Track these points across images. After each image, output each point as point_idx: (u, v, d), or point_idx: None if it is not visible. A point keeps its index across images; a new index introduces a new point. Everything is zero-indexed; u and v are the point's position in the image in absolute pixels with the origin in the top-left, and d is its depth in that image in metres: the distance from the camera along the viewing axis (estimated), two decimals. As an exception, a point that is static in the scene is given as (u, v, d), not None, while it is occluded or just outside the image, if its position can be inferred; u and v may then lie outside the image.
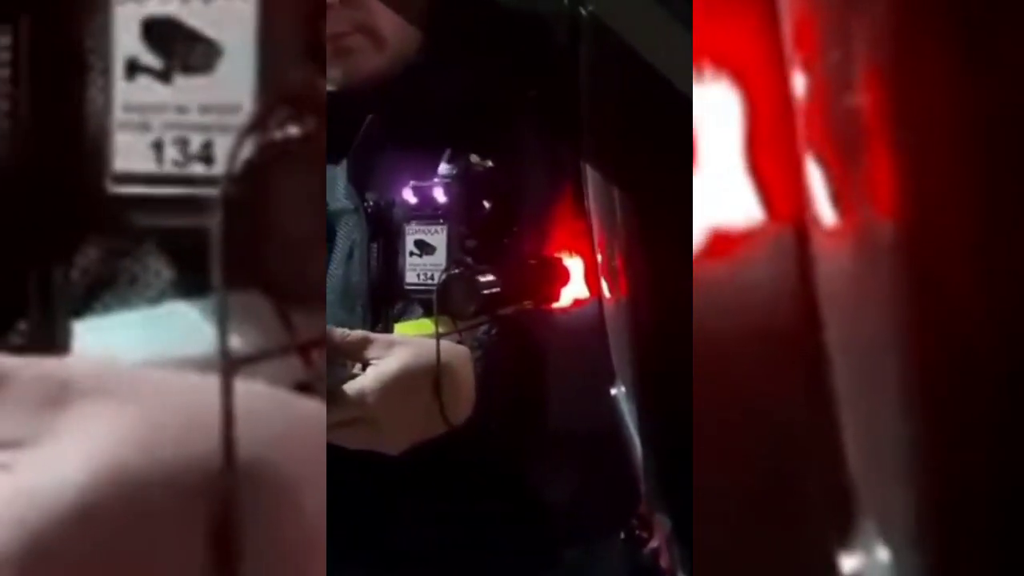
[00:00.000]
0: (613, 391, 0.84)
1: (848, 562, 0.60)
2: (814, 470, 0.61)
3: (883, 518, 0.59)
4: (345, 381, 0.86)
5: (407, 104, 0.97)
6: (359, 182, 0.99)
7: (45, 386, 0.59)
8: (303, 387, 0.75)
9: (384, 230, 0.97)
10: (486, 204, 0.94)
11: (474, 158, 0.94)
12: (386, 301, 0.97)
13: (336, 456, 0.86)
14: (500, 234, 0.93)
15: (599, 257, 0.85)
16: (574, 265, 0.94)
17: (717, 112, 0.63)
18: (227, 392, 0.63)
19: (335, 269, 0.99)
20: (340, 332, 0.88)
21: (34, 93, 0.82)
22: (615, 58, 0.71)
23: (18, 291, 0.82)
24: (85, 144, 0.82)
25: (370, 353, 0.88)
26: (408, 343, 0.90)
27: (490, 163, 0.94)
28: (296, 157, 0.77)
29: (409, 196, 0.94)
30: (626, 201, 0.77)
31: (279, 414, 0.66)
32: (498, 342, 0.92)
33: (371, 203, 0.98)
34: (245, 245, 0.75)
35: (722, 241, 0.64)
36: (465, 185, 0.93)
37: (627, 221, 0.77)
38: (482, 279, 0.90)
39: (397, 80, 0.96)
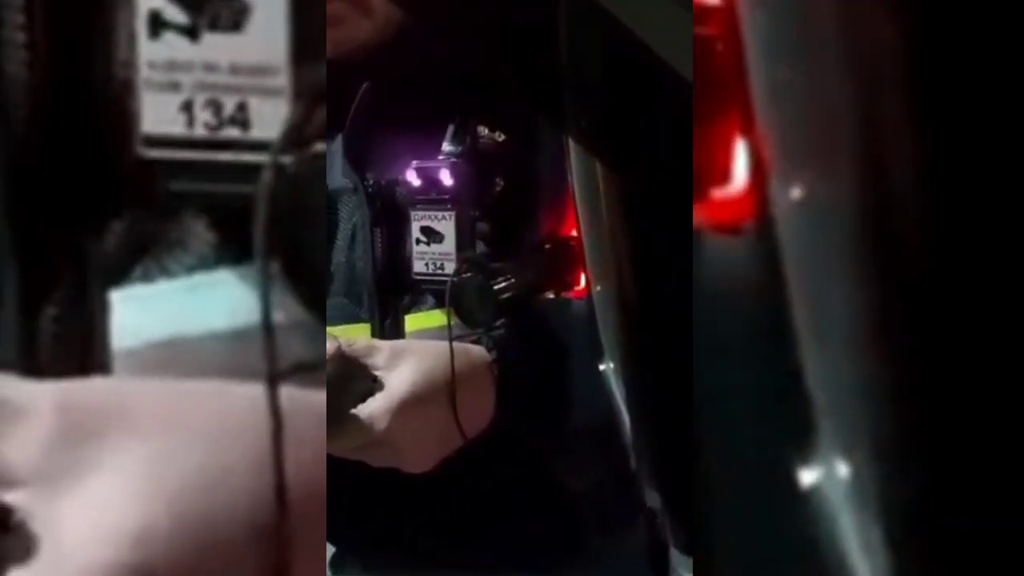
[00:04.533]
0: (601, 367, 0.81)
1: (807, 476, 0.59)
2: (773, 382, 0.60)
3: (843, 432, 0.57)
4: (357, 398, 0.81)
5: (405, 72, 0.90)
6: (356, 158, 0.92)
7: (66, 419, 0.56)
8: (303, 367, 0.70)
9: (387, 212, 0.91)
10: (498, 182, 0.87)
11: (482, 131, 0.87)
12: (394, 291, 0.92)
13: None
14: (515, 216, 0.87)
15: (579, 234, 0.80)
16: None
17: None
18: (277, 422, 0.59)
19: (339, 256, 0.93)
20: (345, 341, 0.83)
21: (53, 50, 0.76)
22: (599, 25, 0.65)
23: (51, 260, 0.78)
24: (113, 105, 0.77)
25: (376, 362, 0.83)
26: (418, 352, 0.84)
27: (500, 136, 0.87)
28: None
29: (412, 178, 0.87)
30: (609, 176, 0.72)
31: (319, 429, 0.62)
32: (516, 338, 0.87)
33: (371, 182, 0.92)
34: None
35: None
36: (473, 163, 0.87)
37: (610, 196, 0.73)
38: (496, 281, 0.84)
39: (392, 47, 0.89)
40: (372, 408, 0.83)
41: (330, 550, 1.05)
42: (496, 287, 0.85)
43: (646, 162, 0.70)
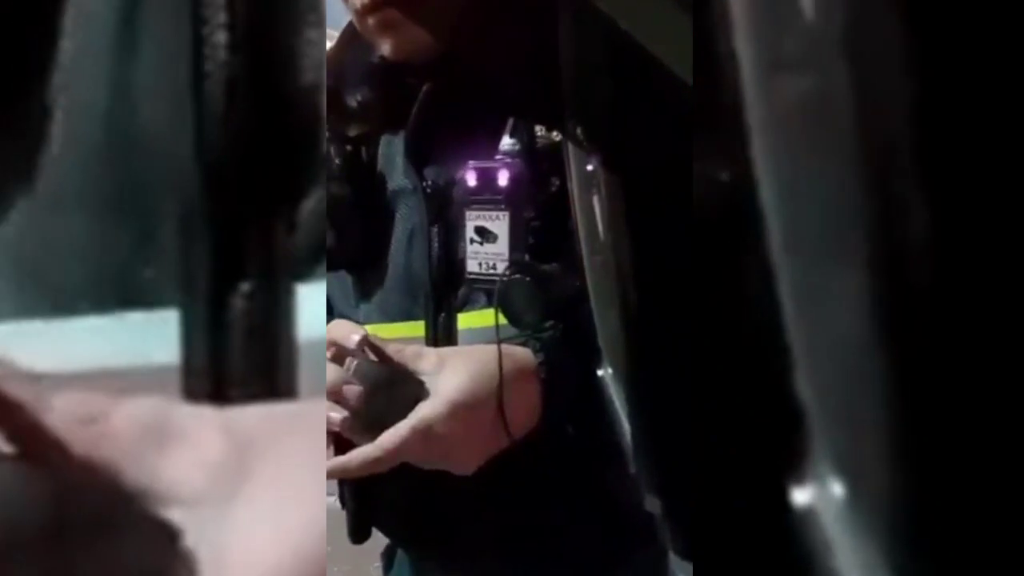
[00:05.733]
0: (600, 372, 0.79)
1: (800, 495, 0.56)
2: (762, 394, 0.58)
3: (837, 448, 0.55)
4: (407, 404, 0.82)
5: (464, 73, 0.90)
6: (417, 159, 0.93)
7: (229, 443, 0.56)
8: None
9: (445, 213, 0.91)
10: (554, 181, 0.87)
11: (540, 130, 0.86)
12: (448, 289, 0.92)
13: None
14: (567, 215, 0.86)
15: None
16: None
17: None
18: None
19: (396, 254, 0.94)
20: (394, 347, 0.84)
21: (251, 50, 0.78)
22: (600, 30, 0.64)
23: (242, 252, 0.80)
24: (302, 105, 0.79)
25: (424, 367, 0.84)
26: (464, 356, 0.85)
27: (557, 135, 0.86)
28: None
29: (469, 178, 0.87)
30: (610, 182, 0.70)
31: None
32: (564, 342, 0.86)
33: (430, 182, 0.92)
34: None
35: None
36: (529, 163, 0.87)
37: (611, 202, 0.71)
38: (545, 283, 0.83)
39: (452, 48, 0.89)
40: (423, 413, 0.83)
41: (384, 541, 1.06)
42: (545, 289, 0.85)
43: (646, 167, 0.69)
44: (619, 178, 0.75)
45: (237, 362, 0.78)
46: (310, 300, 0.79)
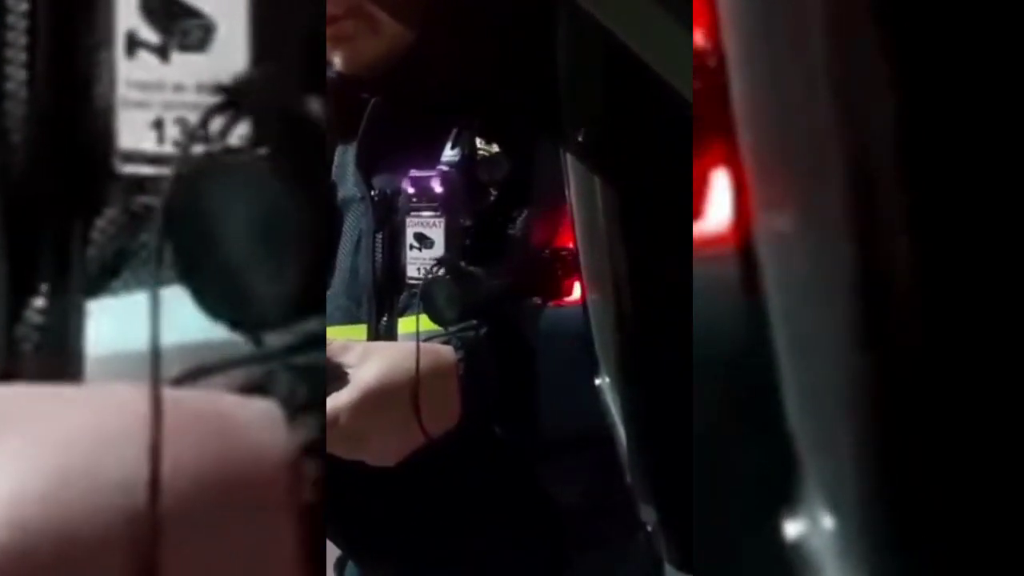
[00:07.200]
0: (597, 381, 0.79)
1: (792, 528, 0.56)
2: (753, 428, 0.57)
3: (827, 481, 0.54)
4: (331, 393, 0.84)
5: (411, 87, 0.93)
6: (366, 169, 0.96)
7: None
8: (203, 371, 0.69)
9: (389, 220, 0.94)
10: (492, 191, 0.89)
11: (479, 143, 0.89)
12: (391, 294, 0.95)
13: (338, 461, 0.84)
14: (504, 224, 0.88)
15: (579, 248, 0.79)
16: (588, 255, 0.88)
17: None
18: (156, 422, 0.60)
19: (343, 259, 0.97)
20: None
21: (49, 70, 0.80)
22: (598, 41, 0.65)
23: (34, 269, 0.81)
24: (94, 121, 0.80)
25: (348, 360, 0.85)
26: (385, 350, 0.87)
27: (496, 148, 0.89)
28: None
29: (407, 186, 0.90)
30: (607, 191, 0.71)
31: (217, 430, 0.62)
32: (486, 342, 0.88)
33: (377, 191, 0.95)
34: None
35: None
36: (467, 173, 0.89)
37: (608, 211, 0.72)
38: (466, 282, 0.85)
39: (400, 63, 0.92)
40: (337, 401, 0.85)
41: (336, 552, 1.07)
42: (465, 288, 0.87)
43: (644, 177, 0.70)
44: (618, 187, 0.76)
45: (28, 376, 0.79)
46: (101, 317, 0.80)
